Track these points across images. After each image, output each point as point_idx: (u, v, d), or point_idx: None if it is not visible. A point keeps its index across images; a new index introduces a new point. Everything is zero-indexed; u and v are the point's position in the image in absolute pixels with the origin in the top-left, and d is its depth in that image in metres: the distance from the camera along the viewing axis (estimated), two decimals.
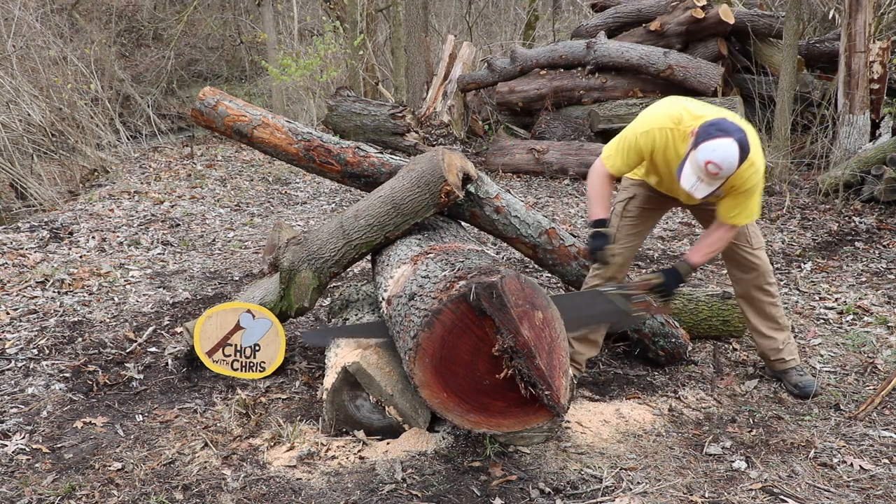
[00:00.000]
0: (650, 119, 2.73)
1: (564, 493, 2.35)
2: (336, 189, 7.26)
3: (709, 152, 2.43)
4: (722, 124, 2.48)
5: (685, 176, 2.53)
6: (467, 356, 2.27)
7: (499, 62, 8.64)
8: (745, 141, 2.45)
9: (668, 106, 2.73)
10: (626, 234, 3.05)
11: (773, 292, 3.05)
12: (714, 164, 2.42)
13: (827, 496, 2.35)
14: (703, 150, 2.44)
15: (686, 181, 2.53)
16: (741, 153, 2.43)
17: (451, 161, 3.05)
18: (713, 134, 2.45)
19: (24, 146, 7.83)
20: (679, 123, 2.65)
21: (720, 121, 2.50)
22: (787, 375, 3.09)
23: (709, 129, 2.47)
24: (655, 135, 2.69)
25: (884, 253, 5.00)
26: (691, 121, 2.61)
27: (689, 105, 2.70)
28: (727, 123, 2.48)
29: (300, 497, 2.35)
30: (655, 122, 2.70)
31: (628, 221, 3.04)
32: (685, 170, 2.53)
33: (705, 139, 2.45)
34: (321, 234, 3.20)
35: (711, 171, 2.44)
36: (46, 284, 4.39)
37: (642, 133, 2.72)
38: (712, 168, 2.43)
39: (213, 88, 3.59)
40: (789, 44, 6.60)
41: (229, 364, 3.21)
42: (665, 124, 2.67)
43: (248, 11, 15.49)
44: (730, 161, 2.42)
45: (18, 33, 9.16)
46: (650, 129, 2.70)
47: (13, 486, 2.43)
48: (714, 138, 2.43)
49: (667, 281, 2.80)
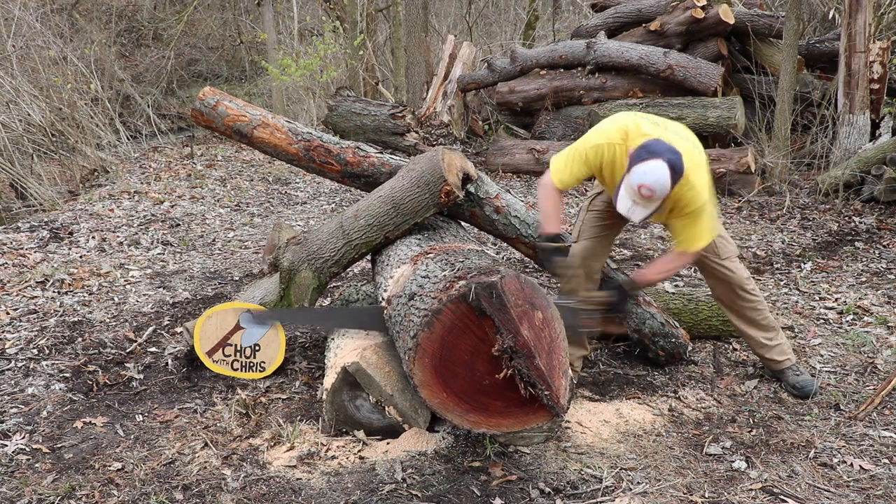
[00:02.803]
0: (600, 133, 2.72)
1: (564, 493, 2.35)
2: (336, 189, 7.26)
3: (640, 176, 2.43)
4: (652, 146, 2.46)
5: (621, 200, 2.54)
6: (467, 356, 2.27)
7: (499, 62, 8.64)
8: (676, 162, 2.43)
9: (619, 120, 2.71)
10: (591, 226, 3.04)
11: (750, 298, 3.03)
12: (646, 187, 2.42)
13: (827, 496, 2.35)
14: (634, 173, 2.45)
15: (622, 205, 2.54)
16: (673, 174, 2.42)
17: (451, 161, 3.05)
18: (643, 157, 2.44)
19: (24, 146, 7.83)
20: (626, 139, 2.64)
21: (652, 143, 2.49)
22: (784, 375, 3.09)
23: (640, 151, 2.47)
24: (604, 149, 2.68)
25: (884, 253, 5.00)
26: (637, 138, 2.59)
27: (640, 121, 2.68)
28: (659, 145, 2.47)
29: (300, 497, 2.35)
30: (604, 136, 2.69)
31: (594, 215, 3.04)
32: (621, 194, 2.54)
33: (636, 162, 2.45)
34: (321, 234, 3.21)
35: (645, 195, 2.44)
36: (46, 284, 4.39)
37: (591, 147, 2.71)
38: (645, 191, 2.43)
39: (213, 88, 3.59)
40: (789, 44, 6.60)
41: (229, 364, 3.21)
42: (613, 139, 2.67)
43: (248, 11, 15.48)
44: (661, 183, 2.41)
45: (18, 33, 9.16)
46: (599, 143, 2.69)
47: (13, 486, 2.43)
48: (644, 161, 2.43)
49: (618, 299, 2.81)
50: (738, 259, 3.06)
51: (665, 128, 2.66)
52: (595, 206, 3.05)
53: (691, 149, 2.63)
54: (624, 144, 2.63)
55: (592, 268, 3.04)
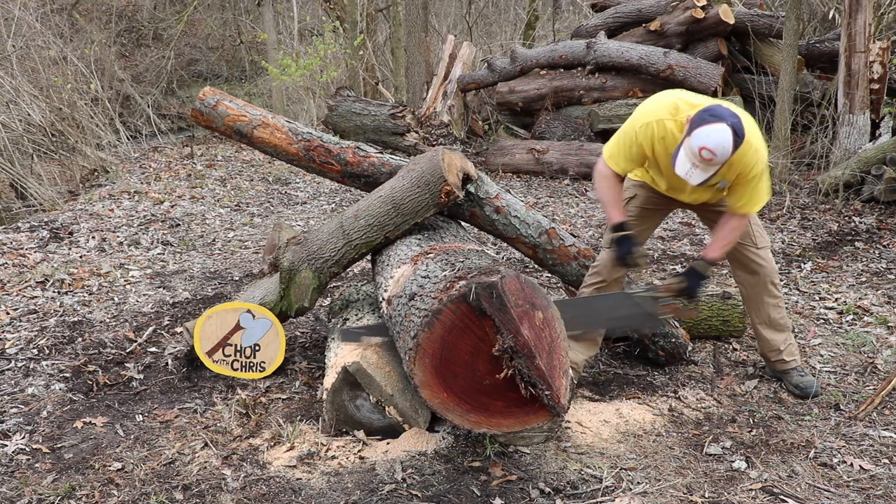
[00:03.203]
0: (647, 112, 2.72)
1: (564, 493, 2.35)
2: (336, 189, 7.26)
3: (702, 138, 2.42)
4: (716, 110, 2.47)
5: (680, 162, 2.52)
6: (467, 356, 2.27)
7: (499, 62, 8.64)
8: (739, 126, 2.44)
9: (664, 98, 2.73)
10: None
11: (777, 293, 3.04)
12: (708, 149, 2.41)
13: (827, 496, 2.35)
14: (696, 135, 2.44)
15: (681, 168, 2.52)
16: (735, 138, 2.42)
17: (451, 161, 3.05)
18: (707, 119, 2.44)
19: (24, 146, 7.83)
20: (676, 113, 2.64)
21: (714, 107, 2.49)
22: (788, 376, 3.09)
23: (702, 115, 2.47)
24: (654, 126, 2.68)
25: (884, 253, 5.00)
26: (688, 109, 2.60)
27: (686, 95, 2.70)
28: (721, 109, 2.47)
29: (300, 497, 2.35)
30: (653, 114, 2.70)
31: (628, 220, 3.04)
32: (680, 156, 2.52)
33: (699, 125, 2.44)
34: (321, 234, 3.20)
35: (706, 157, 2.43)
36: (46, 284, 4.39)
37: (641, 126, 2.71)
38: (706, 154, 2.42)
39: (213, 88, 3.59)
40: (789, 44, 6.60)
41: (229, 364, 3.21)
42: (662, 115, 2.67)
43: (248, 11, 15.48)
44: (724, 146, 2.41)
45: (18, 33, 9.15)
46: (648, 121, 2.69)
47: (13, 486, 2.43)
48: (707, 124, 2.43)
49: (690, 282, 2.80)
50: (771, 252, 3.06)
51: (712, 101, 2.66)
52: (629, 211, 3.04)
53: (747, 115, 2.63)
54: (673, 119, 2.64)
55: (620, 273, 3.05)
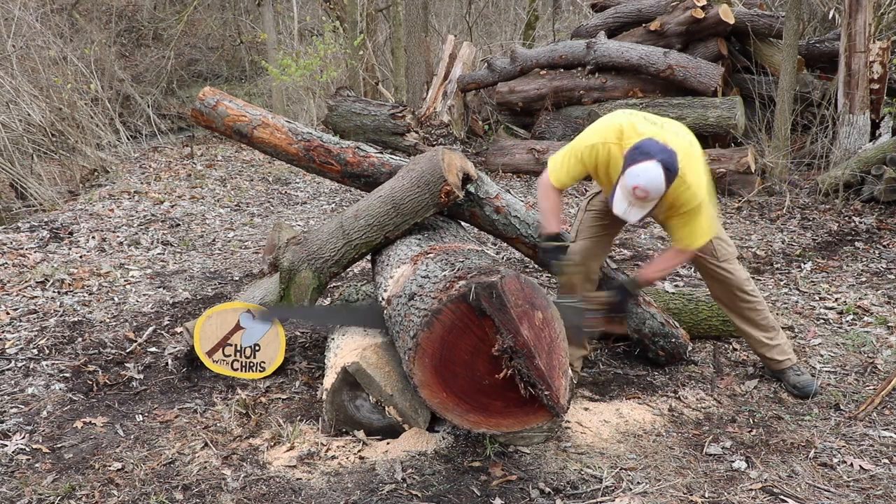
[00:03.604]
0: (595, 133, 2.72)
1: (564, 493, 2.35)
2: (336, 189, 7.26)
3: (633, 177, 2.42)
4: (646, 147, 2.45)
5: (617, 202, 2.53)
6: (467, 356, 2.27)
7: (499, 62, 8.64)
8: (670, 162, 2.42)
9: (614, 119, 2.71)
10: (590, 225, 3.04)
11: (749, 298, 3.03)
12: (641, 188, 2.42)
13: (827, 496, 2.35)
14: (628, 175, 2.44)
15: (618, 207, 2.53)
16: (667, 174, 2.41)
17: (451, 161, 3.05)
18: (637, 158, 2.44)
19: (24, 146, 7.83)
20: (621, 139, 2.63)
21: (645, 143, 2.48)
22: (785, 376, 3.09)
23: (633, 153, 2.47)
24: (599, 149, 2.68)
25: (884, 253, 5.00)
26: (633, 137, 2.58)
27: (636, 120, 2.67)
28: (652, 145, 2.45)
29: (300, 497, 2.35)
30: (600, 135, 2.69)
31: (592, 214, 3.04)
32: (616, 195, 2.53)
33: (630, 164, 2.45)
34: (321, 234, 3.21)
35: (639, 196, 2.44)
36: (46, 284, 4.39)
37: (587, 147, 2.71)
38: (640, 193, 2.43)
39: (213, 88, 3.59)
40: (789, 44, 6.60)
41: (229, 364, 3.21)
42: (608, 138, 2.66)
43: (248, 11, 15.48)
44: (655, 184, 2.41)
45: (18, 33, 9.15)
46: (594, 143, 2.69)
47: (13, 486, 2.43)
48: (637, 163, 2.42)
49: (619, 298, 2.81)
50: (738, 260, 3.06)
51: (661, 126, 2.65)
52: (594, 205, 3.05)
53: (688, 147, 2.62)
54: (619, 144, 2.63)
55: (591, 268, 3.04)
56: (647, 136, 2.53)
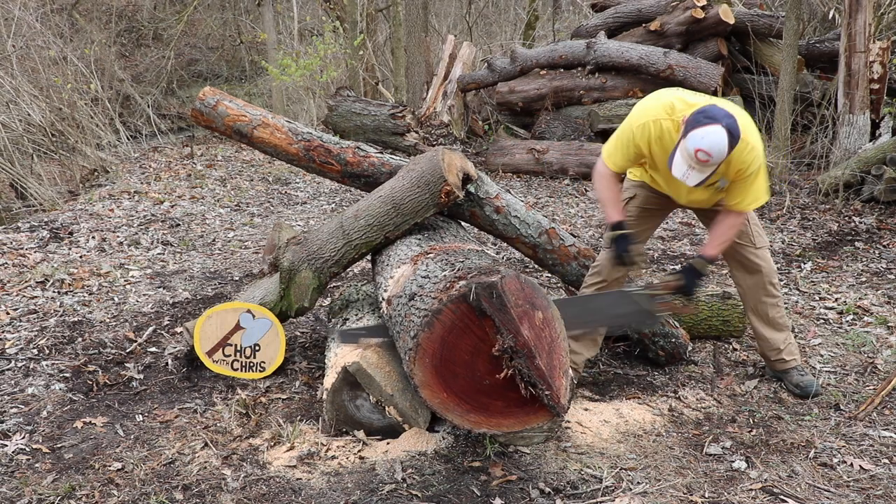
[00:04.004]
0: (644, 111, 2.73)
1: (564, 493, 2.35)
2: (336, 189, 7.26)
3: (697, 140, 2.43)
4: (710, 111, 2.47)
5: (676, 164, 2.54)
6: (467, 356, 2.27)
7: (499, 62, 8.64)
8: (734, 126, 2.45)
9: (661, 97, 2.73)
10: None
11: (775, 293, 3.04)
12: (703, 151, 2.42)
13: (827, 496, 2.35)
14: (691, 137, 2.45)
15: (677, 169, 2.54)
16: (730, 139, 2.43)
17: (451, 161, 3.05)
18: (701, 121, 2.45)
19: (24, 146, 7.83)
20: (672, 113, 2.65)
21: (709, 108, 2.50)
22: (788, 375, 3.09)
23: (697, 116, 2.48)
24: (651, 126, 2.69)
25: (884, 253, 5.00)
26: (684, 109, 2.61)
27: (683, 94, 2.71)
28: (716, 110, 2.48)
29: (300, 497, 2.35)
30: (650, 113, 2.71)
31: (627, 220, 3.04)
32: (676, 158, 2.54)
33: (694, 127, 2.45)
34: (321, 234, 3.20)
35: (701, 159, 2.44)
36: (46, 284, 4.39)
37: (638, 126, 2.72)
38: (702, 156, 2.43)
39: (213, 88, 3.59)
40: (789, 44, 6.60)
41: (229, 364, 3.21)
42: (659, 115, 2.68)
43: (248, 11, 15.48)
44: (719, 148, 2.42)
45: (18, 33, 9.15)
46: (645, 121, 2.70)
47: (13, 486, 2.43)
48: (702, 126, 2.43)
49: (687, 280, 2.80)
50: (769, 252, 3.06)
51: (709, 100, 2.66)
52: (628, 211, 3.04)
53: (742, 114, 2.64)
54: (670, 119, 2.65)
55: (621, 272, 3.05)
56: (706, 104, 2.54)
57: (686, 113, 2.57)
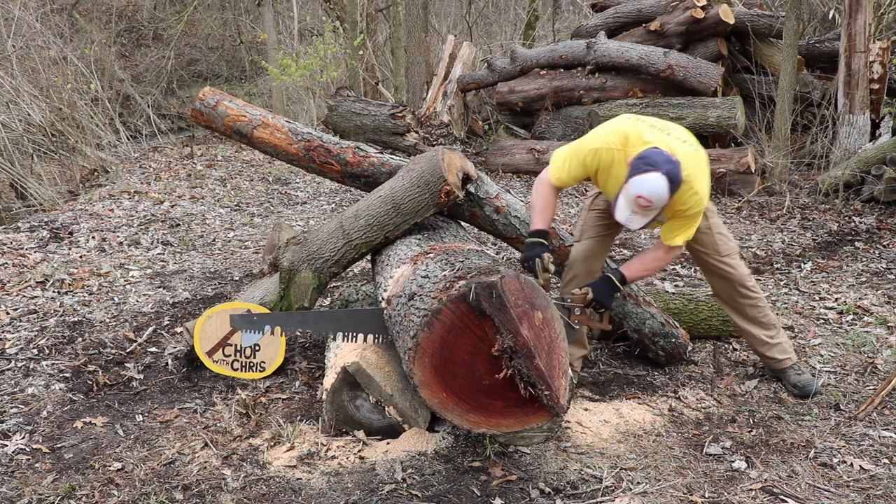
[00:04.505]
0: (600, 137, 2.72)
1: (564, 493, 2.35)
2: (336, 189, 7.26)
3: (637, 186, 2.45)
4: (650, 157, 2.47)
5: (620, 209, 2.55)
6: (467, 356, 2.27)
7: (499, 62, 8.63)
8: (673, 172, 2.45)
9: (620, 125, 2.71)
10: (593, 225, 3.04)
11: (750, 295, 3.04)
12: (643, 198, 2.45)
13: (827, 496, 2.35)
14: (633, 184, 2.47)
15: (620, 214, 2.56)
16: (671, 185, 2.44)
17: (451, 161, 3.05)
18: (642, 168, 2.46)
19: (24, 146, 7.83)
20: (626, 145, 2.64)
21: (650, 153, 2.49)
22: (786, 375, 3.09)
23: (637, 163, 2.49)
24: (602, 154, 2.69)
25: (884, 253, 5.00)
26: (637, 146, 2.59)
27: (643, 126, 2.67)
28: (656, 156, 2.47)
29: (300, 497, 2.35)
30: (605, 140, 2.70)
31: (595, 214, 3.05)
32: (619, 203, 2.55)
33: (635, 173, 2.47)
34: (321, 234, 3.21)
35: (642, 205, 2.47)
36: (46, 284, 4.39)
37: (590, 150, 2.72)
38: (643, 202, 2.46)
39: (212, 88, 3.59)
40: (789, 44, 6.60)
41: (229, 364, 3.21)
42: (613, 144, 2.67)
43: (248, 11, 15.48)
44: (659, 194, 2.44)
45: (18, 33, 9.15)
46: (598, 147, 2.70)
47: (13, 486, 2.43)
48: (642, 173, 2.45)
49: (600, 292, 2.79)
50: (739, 257, 3.06)
51: (668, 133, 2.65)
52: (596, 205, 3.05)
53: (694, 154, 2.64)
54: (623, 150, 2.63)
55: (594, 267, 3.04)
56: (652, 145, 2.54)
57: (637, 150, 2.56)
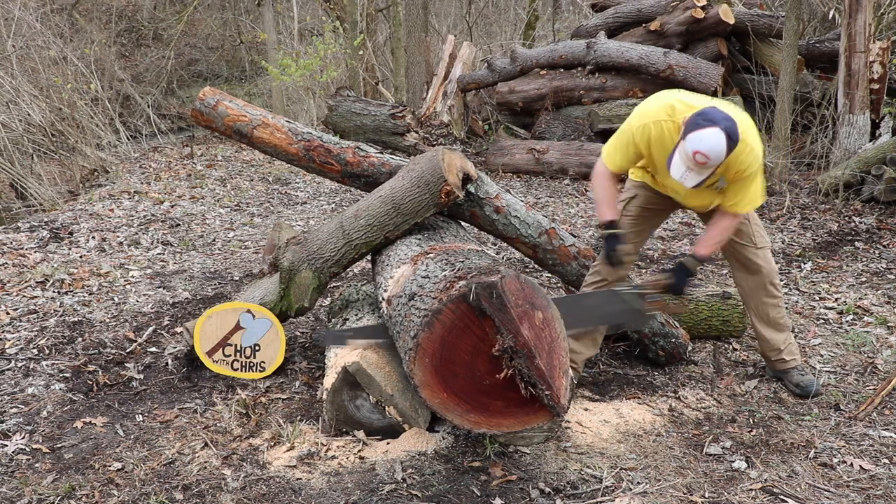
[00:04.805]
0: (645, 112, 2.74)
1: (564, 493, 2.35)
2: (336, 189, 7.26)
3: (696, 142, 2.44)
4: (709, 114, 2.48)
5: (675, 166, 2.55)
6: (467, 356, 2.27)
7: (499, 62, 8.64)
8: (732, 129, 2.45)
9: (662, 98, 2.74)
10: (627, 231, 3.04)
11: (776, 294, 3.04)
12: (702, 153, 2.43)
13: (827, 496, 2.35)
14: (690, 140, 2.46)
15: (676, 171, 2.54)
16: (729, 142, 2.44)
17: (451, 161, 3.05)
18: (700, 124, 2.45)
19: (24, 146, 7.83)
20: (673, 114, 2.65)
21: (708, 110, 2.50)
22: (789, 375, 3.09)
23: (696, 119, 2.49)
24: (651, 128, 2.70)
25: (884, 253, 5.00)
26: (684, 111, 2.62)
27: (684, 96, 2.71)
28: (715, 112, 2.48)
29: (300, 497, 2.35)
30: (650, 115, 2.71)
31: (627, 220, 3.05)
32: (674, 160, 2.55)
33: (692, 129, 2.46)
34: (321, 234, 3.20)
35: (699, 161, 2.45)
36: (46, 284, 4.39)
37: (638, 127, 2.73)
38: (700, 158, 2.44)
39: (213, 88, 3.59)
40: (789, 44, 6.60)
41: (229, 364, 3.21)
42: (659, 116, 2.68)
43: (248, 11, 15.48)
44: (717, 150, 2.43)
45: (18, 33, 9.15)
46: (646, 122, 2.71)
47: (13, 486, 2.43)
48: (701, 128, 2.44)
49: (677, 278, 2.81)
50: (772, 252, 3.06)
51: (710, 101, 2.67)
52: (629, 210, 3.06)
53: (743, 116, 2.64)
54: (671, 120, 2.65)
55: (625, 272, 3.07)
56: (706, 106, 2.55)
57: (686, 115, 2.57)
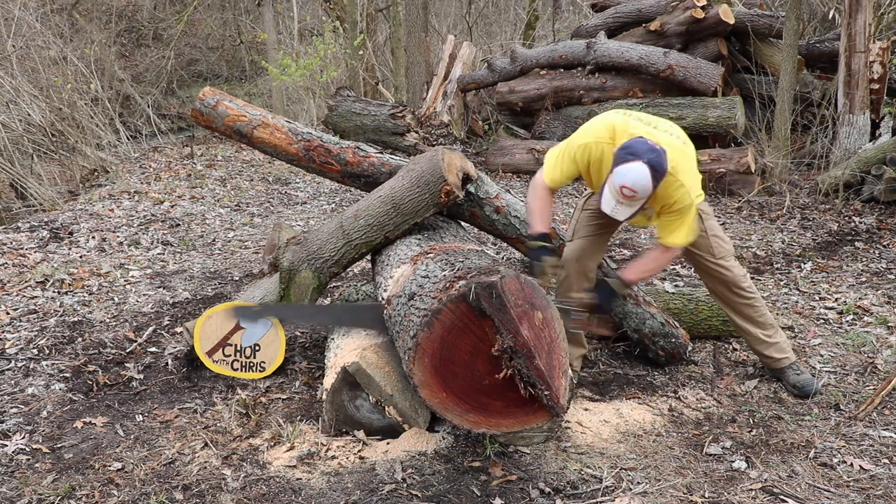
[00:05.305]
0: (589, 131, 2.74)
1: (564, 493, 2.35)
2: (336, 189, 7.26)
3: (621, 176, 2.46)
4: (633, 147, 2.48)
5: (605, 200, 2.57)
6: (467, 356, 2.27)
7: (499, 62, 8.63)
8: (657, 161, 2.45)
9: (608, 118, 2.73)
10: (586, 224, 3.04)
11: (747, 295, 3.04)
12: (627, 187, 2.45)
13: (827, 496, 2.35)
14: (616, 174, 2.47)
15: (606, 205, 2.57)
16: (654, 173, 2.44)
17: (451, 161, 3.05)
18: (624, 158, 2.47)
19: (24, 146, 7.83)
20: (613, 137, 2.65)
21: (634, 142, 2.50)
22: (784, 375, 3.09)
23: (620, 153, 2.50)
24: (592, 147, 2.70)
25: (884, 253, 5.00)
26: (624, 137, 2.60)
27: (629, 119, 2.68)
28: (640, 145, 2.48)
29: (300, 497, 2.35)
30: (593, 134, 2.71)
31: (588, 214, 3.05)
32: (605, 194, 2.56)
33: (618, 163, 2.48)
34: (321, 234, 3.21)
35: (627, 195, 2.47)
36: (46, 284, 4.39)
37: (579, 146, 2.73)
38: (627, 192, 2.46)
39: (213, 88, 3.59)
40: (789, 44, 6.60)
41: (229, 364, 3.21)
42: (601, 138, 2.68)
43: (248, 11, 15.48)
44: (642, 184, 2.43)
45: (18, 33, 9.15)
46: (588, 141, 2.71)
47: (13, 486, 2.43)
48: (626, 162, 2.45)
49: (600, 298, 2.81)
50: (735, 258, 3.06)
51: (654, 126, 2.67)
52: (590, 205, 3.05)
53: (681, 146, 2.65)
54: (611, 143, 2.64)
55: (587, 267, 3.04)
56: (637, 136, 2.54)
57: (624, 140, 2.56)
